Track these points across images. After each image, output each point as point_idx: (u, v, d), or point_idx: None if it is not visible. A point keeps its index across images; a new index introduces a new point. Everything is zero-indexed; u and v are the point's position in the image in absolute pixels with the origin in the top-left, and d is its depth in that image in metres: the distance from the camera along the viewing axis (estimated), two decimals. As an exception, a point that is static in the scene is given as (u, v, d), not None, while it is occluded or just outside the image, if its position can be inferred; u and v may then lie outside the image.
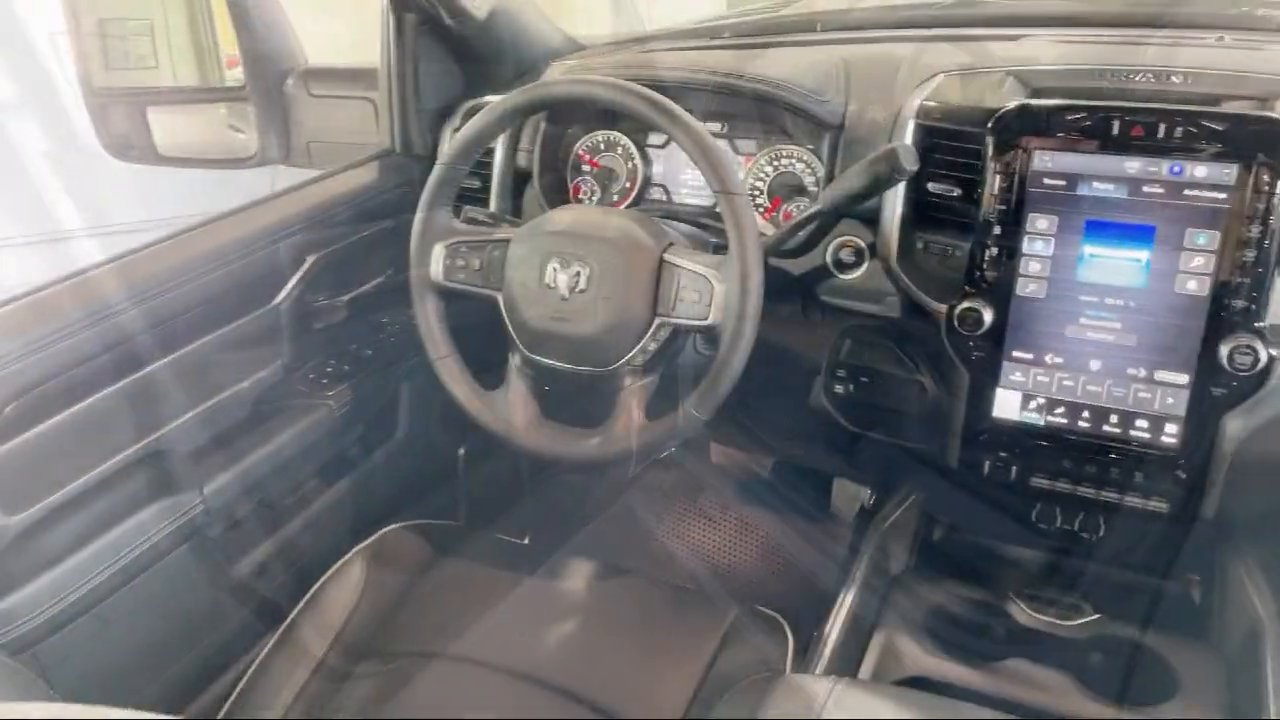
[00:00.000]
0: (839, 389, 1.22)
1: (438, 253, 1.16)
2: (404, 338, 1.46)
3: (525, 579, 1.21)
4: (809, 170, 1.24)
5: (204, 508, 1.19)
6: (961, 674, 1.01)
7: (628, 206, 1.36)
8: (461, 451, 1.61)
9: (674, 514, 1.81)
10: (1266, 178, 0.93)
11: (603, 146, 1.37)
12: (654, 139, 1.36)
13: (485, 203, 1.40)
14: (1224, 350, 0.96)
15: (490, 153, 1.38)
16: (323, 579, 1.20)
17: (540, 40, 1.51)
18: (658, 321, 1.06)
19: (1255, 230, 0.94)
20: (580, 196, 1.38)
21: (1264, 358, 0.95)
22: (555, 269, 1.08)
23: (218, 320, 1.22)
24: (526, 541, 1.50)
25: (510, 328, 1.13)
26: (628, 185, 1.36)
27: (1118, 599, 1.11)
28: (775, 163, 1.26)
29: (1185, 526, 1.06)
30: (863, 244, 1.18)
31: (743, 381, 1.03)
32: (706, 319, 1.03)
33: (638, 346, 1.07)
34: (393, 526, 1.28)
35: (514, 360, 1.16)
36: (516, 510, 1.72)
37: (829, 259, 1.21)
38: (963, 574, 1.15)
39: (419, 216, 1.16)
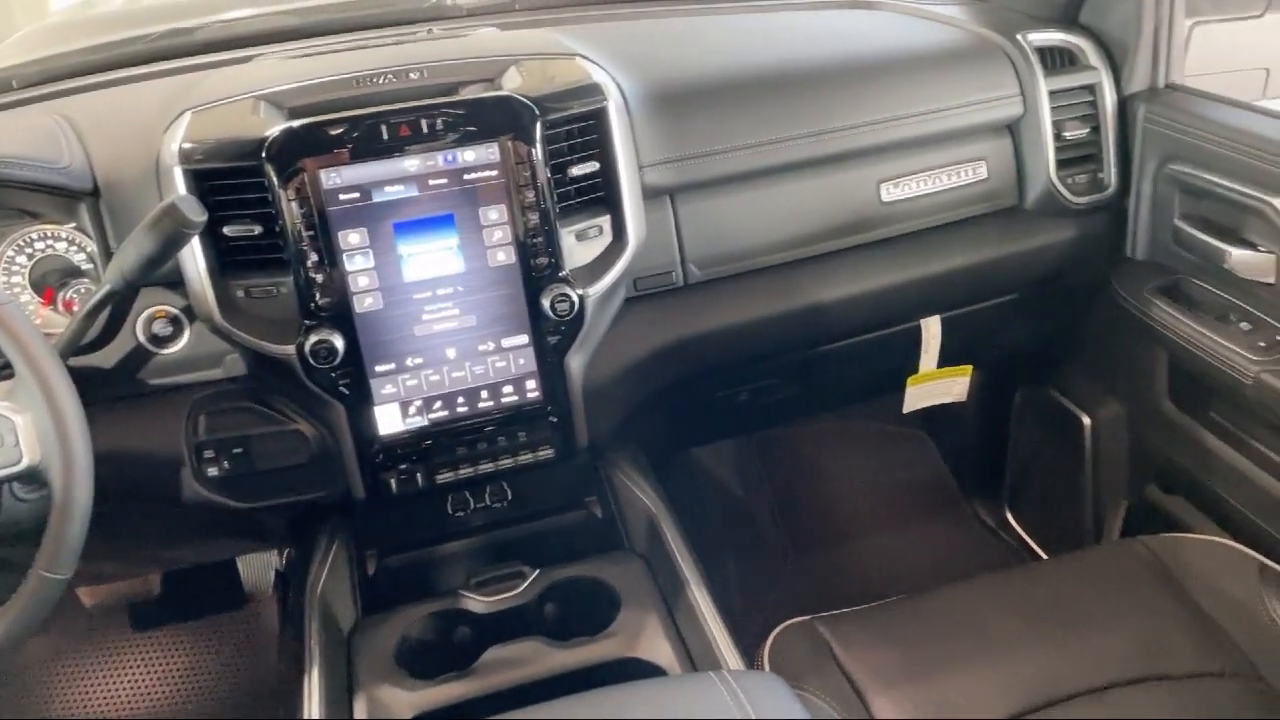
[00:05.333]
0: (212, 471, 1.08)
1: None
2: None
3: None
4: (76, 248, 1.05)
5: None
6: (450, 691, 1.00)
7: None
8: None
9: (62, 690, 1.47)
10: (523, 147, 1.04)
11: None
12: None
13: None
14: (545, 303, 1.08)
15: None
16: None
17: None
18: None
19: (532, 196, 1.05)
20: None
21: (576, 300, 1.08)
22: None
23: None
24: None
25: None
26: None
27: (546, 548, 1.20)
28: (28, 250, 1.04)
29: (572, 460, 1.18)
30: (176, 310, 1.05)
31: (94, 509, 0.86)
32: (21, 462, 0.82)
33: None
34: None
35: None
36: None
37: (143, 337, 1.06)
38: (413, 594, 1.14)
39: None
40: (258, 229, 1.01)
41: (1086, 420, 1.54)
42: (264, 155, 0.98)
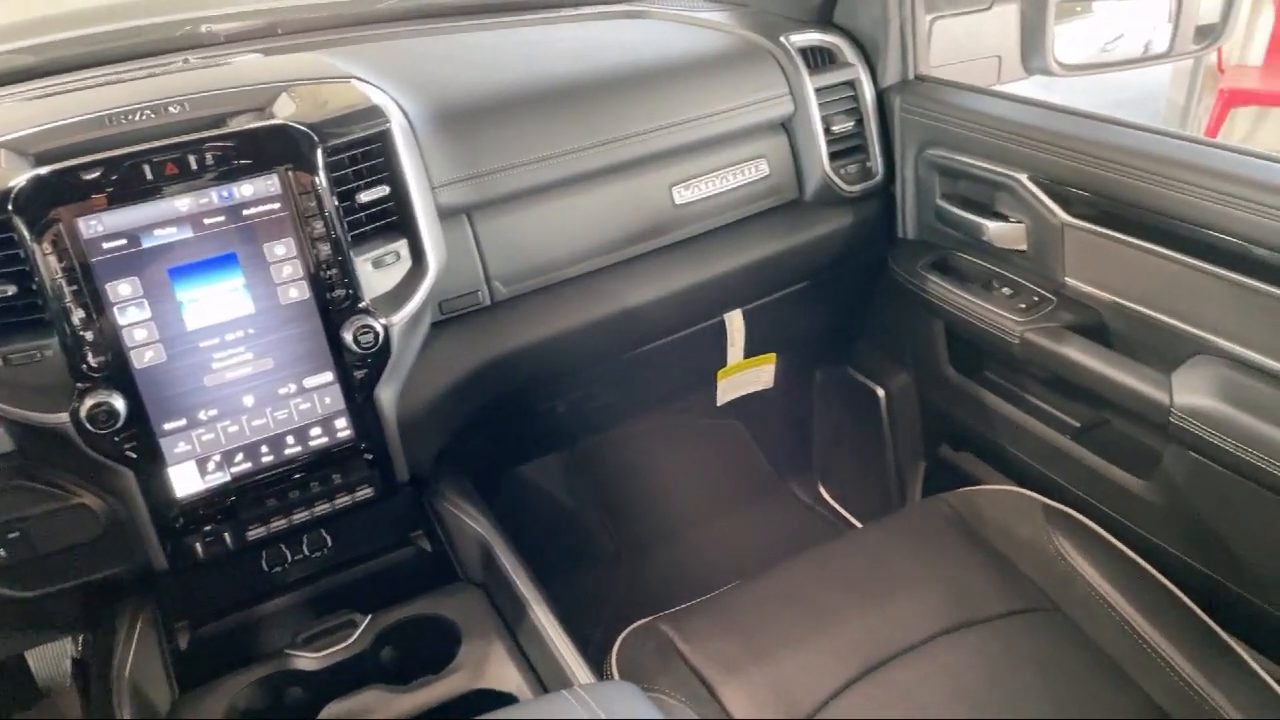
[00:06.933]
0: None
1: None
2: None
3: None
4: None
5: None
6: None
7: None
8: None
9: None
10: (305, 176, 0.99)
11: None
12: None
13: None
14: (347, 337, 1.03)
15: None
16: None
17: None
18: None
19: (320, 226, 1.00)
20: None
21: (380, 330, 1.04)
22: None
23: None
24: None
25: None
26: None
27: (377, 591, 1.15)
28: None
29: (394, 496, 1.14)
30: None
31: None
32: None
33: None
34: None
35: None
36: None
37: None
38: (235, 661, 1.06)
39: None
40: (11, 289, 0.91)
41: (880, 392, 1.65)
42: (10, 208, 0.89)
